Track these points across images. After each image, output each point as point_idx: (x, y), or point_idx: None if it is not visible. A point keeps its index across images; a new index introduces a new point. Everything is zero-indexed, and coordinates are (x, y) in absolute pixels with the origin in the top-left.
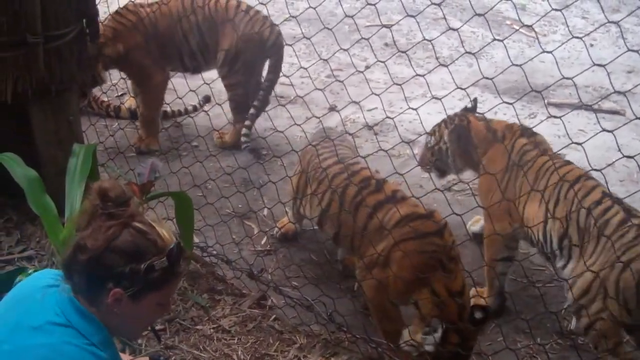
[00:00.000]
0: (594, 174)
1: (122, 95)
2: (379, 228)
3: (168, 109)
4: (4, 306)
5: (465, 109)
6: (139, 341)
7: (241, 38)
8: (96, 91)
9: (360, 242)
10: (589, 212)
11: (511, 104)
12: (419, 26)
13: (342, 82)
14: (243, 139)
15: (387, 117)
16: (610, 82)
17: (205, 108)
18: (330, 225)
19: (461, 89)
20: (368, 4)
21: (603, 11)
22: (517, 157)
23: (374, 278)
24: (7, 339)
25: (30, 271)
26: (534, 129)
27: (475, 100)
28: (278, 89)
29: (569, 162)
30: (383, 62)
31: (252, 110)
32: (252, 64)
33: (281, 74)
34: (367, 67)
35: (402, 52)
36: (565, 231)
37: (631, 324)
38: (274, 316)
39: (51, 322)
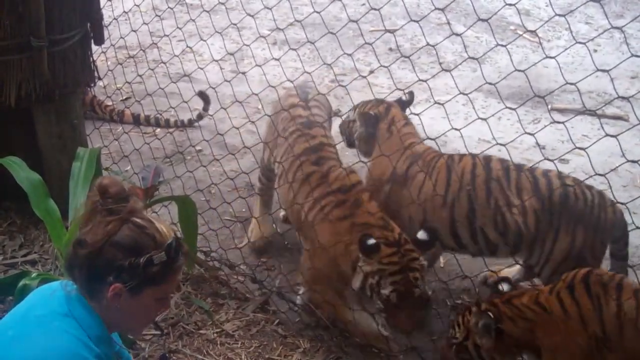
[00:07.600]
0: (598, 178)
1: (126, 99)
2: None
3: (171, 119)
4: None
5: (399, 101)
6: (142, 345)
7: None
8: (100, 95)
9: None
10: None
11: (515, 109)
12: (422, 31)
13: (345, 87)
14: None
15: None
16: (614, 88)
17: (210, 112)
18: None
19: (464, 94)
20: (372, 8)
21: (607, 17)
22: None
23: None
24: (13, 326)
25: (33, 275)
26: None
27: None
28: (282, 93)
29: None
30: (387, 67)
31: None
32: None
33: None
34: (371, 72)
35: (406, 57)
36: None
37: None
38: (277, 320)
39: (54, 312)
